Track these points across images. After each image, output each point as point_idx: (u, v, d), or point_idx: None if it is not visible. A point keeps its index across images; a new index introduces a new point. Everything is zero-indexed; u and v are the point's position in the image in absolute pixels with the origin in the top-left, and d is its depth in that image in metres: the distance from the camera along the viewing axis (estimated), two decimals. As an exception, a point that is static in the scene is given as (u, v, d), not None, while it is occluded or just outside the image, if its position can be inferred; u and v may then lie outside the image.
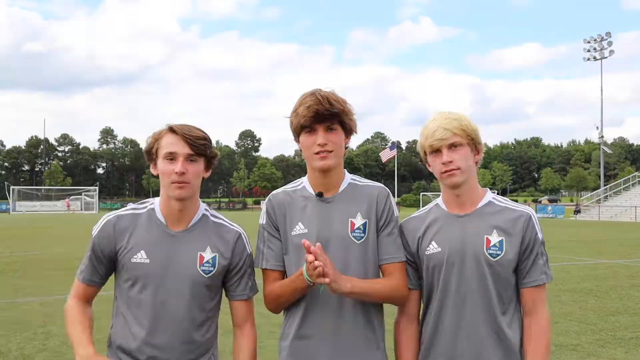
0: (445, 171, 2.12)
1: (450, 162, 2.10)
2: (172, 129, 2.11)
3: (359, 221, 2.19)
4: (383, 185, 2.28)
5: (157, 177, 2.16)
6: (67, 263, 12.95)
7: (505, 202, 2.23)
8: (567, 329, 7.01)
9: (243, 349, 2.25)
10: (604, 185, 55.07)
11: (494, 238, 2.13)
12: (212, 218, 2.26)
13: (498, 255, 2.11)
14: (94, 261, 2.18)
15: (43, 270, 12.44)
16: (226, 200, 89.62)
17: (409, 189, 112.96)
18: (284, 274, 2.24)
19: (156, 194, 2.31)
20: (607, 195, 51.44)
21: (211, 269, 2.17)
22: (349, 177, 2.27)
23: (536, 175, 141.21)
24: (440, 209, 2.25)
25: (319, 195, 2.21)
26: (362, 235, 2.18)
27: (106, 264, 2.19)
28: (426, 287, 2.23)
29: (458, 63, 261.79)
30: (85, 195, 65.76)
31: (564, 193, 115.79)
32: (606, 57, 59.12)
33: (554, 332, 6.83)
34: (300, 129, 2.15)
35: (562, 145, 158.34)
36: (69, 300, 2.23)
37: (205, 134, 2.16)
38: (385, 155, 72.43)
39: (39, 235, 24.19)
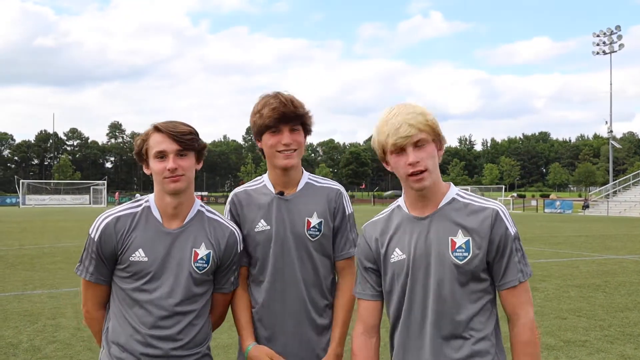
0: (413, 174, 1.90)
1: (418, 162, 1.89)
2: (157, 128, 2.14)
3: (314, 220, 2.33)
4: (338, 184, 2.44)
5: (151, 175, 2.19)
6: (77, 256, 12.84)
7: (470, 197, 2.01)
8: (575, 325, 6.97)
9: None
10: (613, 180, 54.70)
11: (460, 239, 1.92)
12: (207, 214, 2.29)
13: (465, 257, 1.91)
14: (98, 262, 2.19)
15: (52, 263, 12.53)
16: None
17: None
18: (247, 269, 2.40)
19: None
20: (616, 191, 51.12)
21: (205, 265, 2.20)
22: (306, 176, 2.41)
23: (544, 170, 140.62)
24: (402, 211, 2.06)
25: (280, 194, 2.34)
26: (317, 233, 2.33)
27: (109, 264, 2.20)
28: (392, 297, 2.04)
29: (467, 57, 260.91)
30: (93, 188, 66.23)
31: (572, 188, 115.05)
32: (616, 51, 58.57)
33: (563, 327, 6.83)
34: (265, 128, 2.26)
35: (570, 140, 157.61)
36: (90, 309, 2.26)
37: (191, 127, 2.19)
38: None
39: (49, 228, 24.33)
